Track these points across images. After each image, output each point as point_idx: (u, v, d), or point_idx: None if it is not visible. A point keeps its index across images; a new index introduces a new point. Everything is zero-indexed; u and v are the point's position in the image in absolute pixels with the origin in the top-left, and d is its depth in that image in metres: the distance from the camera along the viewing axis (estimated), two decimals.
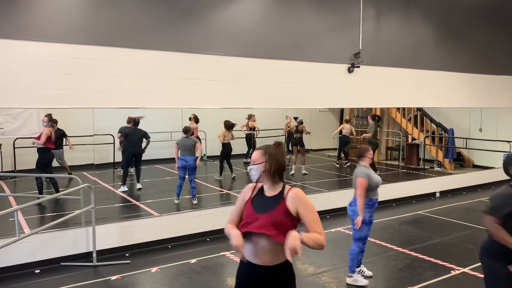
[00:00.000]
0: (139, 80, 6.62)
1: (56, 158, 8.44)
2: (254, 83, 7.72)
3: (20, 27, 5.73)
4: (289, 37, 8.08)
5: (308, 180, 10.66)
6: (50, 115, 7.99)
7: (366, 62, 8.86)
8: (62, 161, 8.96)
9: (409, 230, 7.65)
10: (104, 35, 6.33)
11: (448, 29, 10.43)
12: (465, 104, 11.11)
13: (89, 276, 5.65)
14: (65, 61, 6.06)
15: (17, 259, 5.75)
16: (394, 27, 9.55)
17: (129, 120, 9.12)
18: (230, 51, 7.43)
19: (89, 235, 6.16)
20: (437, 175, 11.51)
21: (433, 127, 13.44)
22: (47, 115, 7.92)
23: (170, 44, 6.85)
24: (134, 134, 9.00)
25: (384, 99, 9.64)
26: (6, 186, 9.28)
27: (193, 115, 9.83)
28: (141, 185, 9.29)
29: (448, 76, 10.49)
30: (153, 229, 6.81)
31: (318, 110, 12.95)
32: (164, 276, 5.65)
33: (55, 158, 8.28)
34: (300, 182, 10.74)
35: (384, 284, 5.42)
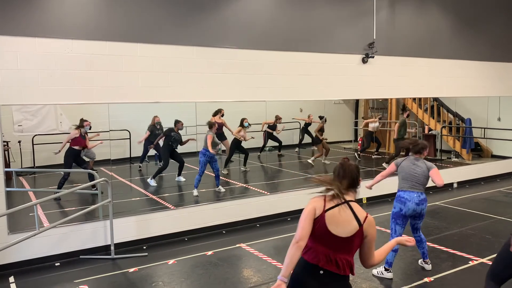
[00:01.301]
0: (154, 75, 6.67)
1: (89, 156, 8.75)
2: (268, 76, 7.72)
3: (35, 24, 5.82)
4: (302, 29, 8.04)
5: (323, 173, 10.63)
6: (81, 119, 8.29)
7: (381, 52, 8.77)
8: (94, 157, 9.16)
9: (426, 221, 7.56)
10: (119, 31, 6.39)
11: (464, 17, 10.25)
12: (482, 93, 10.91)
13: (108, 268, 5.76)
14: (81, 57, 6.14)
15: (38, 252, 5.89)
16: (408, 16, 9.42)
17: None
18: (244, 44, 7.43)
19: (107, 229, 6.26)
20: (455, 166, 11.37)
21: (450, 117, 13.24)
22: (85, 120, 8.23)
23: (184, 38, 6.88)
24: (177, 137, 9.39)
25: (400, 89, 9.53)
26: (26, 182, 9.46)
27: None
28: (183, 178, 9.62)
29: (464, 65, 10.32)
30: (170, 222, 6.89)
31: (332, 102, 12.89)
32: (181, 268, 5.72)
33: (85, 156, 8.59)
34: (316, 174, 10.72)
35: (401, 275, 5.40)
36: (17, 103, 6.19)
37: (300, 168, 11.93)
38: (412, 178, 5.19)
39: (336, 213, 2.73)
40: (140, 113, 9.73)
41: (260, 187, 9.07)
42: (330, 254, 2.72)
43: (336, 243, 2.72)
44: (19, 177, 9.31)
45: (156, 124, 9.91)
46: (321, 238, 2.72)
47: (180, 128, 9.29)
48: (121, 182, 9.69)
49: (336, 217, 2.73)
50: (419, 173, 5.19)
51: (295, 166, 12.37)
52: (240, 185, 9.65)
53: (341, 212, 2.74)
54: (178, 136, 9.31)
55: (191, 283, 5.27)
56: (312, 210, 2.74)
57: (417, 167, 5.22)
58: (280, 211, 7.92)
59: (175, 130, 9.26)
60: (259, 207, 7.73)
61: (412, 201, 5.15)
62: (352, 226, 2.73)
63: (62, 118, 9.20)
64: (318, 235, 2.72)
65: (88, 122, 8.13)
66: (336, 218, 2.73)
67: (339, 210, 2.75)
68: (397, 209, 5.24)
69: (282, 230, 7.23)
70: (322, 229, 2.71)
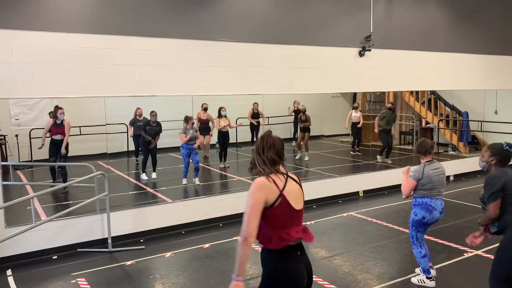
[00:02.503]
0: (150, 68, 6.67)
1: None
2: (264, 69, 7.71)
3: (31, 18, 5.80)
4: (299, 22, 8.02)
5: (320, 166, 10.65)
6: (55, 106, 8.02)
7: (378, 45, 8.77)
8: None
9: None
10: (115, 24, 6.37)
11: (461, 10, 10.24)
12: (479, 86, 10.93)
13: (105, 261, 5.78)
14: (77, 50, 6.12)
15: (35, 245, 5.91)
16: (405, 9, 9.41)
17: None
18: (240, 37, 7.42)
19: (104, 222, 6.29)
20: (452, 159, 11.41)
21: (447, 110, 13.27)
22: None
23: (180, 31, 6.87)
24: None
25: (396, 82, 9.54)
26: (23, 175, 9.47)
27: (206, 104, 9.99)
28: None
29: (461, 58, 10.32)
30: (167, 215, 6.92)
31: (330, 96, 12.88)
32: (177, 261, 5.75)
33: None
34: (312, 168, 10.75)
35: (397, 267, 5.44)
36: (13, 97, 6.19)
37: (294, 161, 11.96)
38: (438, 185, 4.82)
39: (290, 188, 2.69)
40: (137, 106, 9.71)
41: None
42: (299, 228, 2.72)
43: (299, 216, 2.74)
44: (16, 171, 9.32)
45: (138, 116, 9.58)
46: (287, 219, 2.65)
47: (153, 120, 9.02)
48: (118, 175, 9.70)
49: (292, 191, 2.69)
50: (442, 177, 4.87)
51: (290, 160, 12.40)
52: (237, 178, 9.67)
53: (292, 186, 2.72)
54: (152, 129, 9.08)
55: (188, 276, 5.30)
56: (262, 200, 2.59)
57: (439, 171, 4.85)
58: None
59: (150, 123, 9.05)
60: None
61: (437, 210, 4.82)
62: (301, 195, 2.77)
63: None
64: (283, 218, 2.64)
65: (62, 110, 7.75)
66: (292, 192, 2.70)
67: (290, 185, 2.71)
68: (419, 217, 4.84)
69: None
70: (288, 209, 2.65)
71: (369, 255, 5.76)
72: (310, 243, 3.73)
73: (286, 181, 2.69)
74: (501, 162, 3.65)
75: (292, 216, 2.67)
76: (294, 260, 2.65)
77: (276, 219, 2.62)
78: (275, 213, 2.61)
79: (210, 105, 10.05)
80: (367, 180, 9.19)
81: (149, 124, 9.05)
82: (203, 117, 10.12)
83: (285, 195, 2.64)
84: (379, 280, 5.04)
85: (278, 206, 2.61)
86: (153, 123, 9.05)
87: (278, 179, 2.67)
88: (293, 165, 11.17)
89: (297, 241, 2.70)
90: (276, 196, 2.62)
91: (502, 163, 3.65)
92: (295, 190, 2.72)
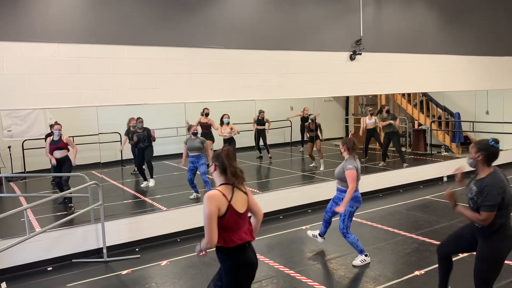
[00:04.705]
0: (141, 77, 6.68)
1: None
2: (256, 75, 7.75)
3: (21, 29, 5.81)
4: (289, 27, 8.08)
5: (314, 170, 10.68)
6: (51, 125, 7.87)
7: (368, 49, 8.83)
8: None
9: (416, 215, 7.66)
10: (105, 34, 6.38)
11: (450, 12, 10.34)
12: (470, 87, 11.02)
13: (101, 271, 5.76)
14: (68, 60, 6.13)
15: (30, 257, 5.87)
16: (394, 12, 9.50)
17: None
18: (231, 44, 7.45)
19: (98, 232, 6.26)
20: (445, 160, 11.47)
21: (439, 111, 13.37)
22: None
23: (171, 39, 6.89)
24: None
25: (388, 85, 9.61)
26: (16, 187, 9.43)
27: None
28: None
29: (451, 60, 10.41)
30: (162, 223, 6.90)
31: (323, 100, 12.93)
32: (173, 269, 5.73)
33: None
34: (307, 172, 10.78)
35: (392, 269, 5.45)
36: (5, 108, 6.19)
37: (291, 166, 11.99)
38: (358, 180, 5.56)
39: (236, 197, 3.24)
40: (130, 115, 9.70)
41: (253, 186, 9.10)
42: (246, 228, 3.33)
43: (245, 217, 3.35)
44: (9, 183, 9.27)
45: (132, 128, 9.52)
46: (236, 223, 3.22)
47: (139, 126, 9.01)
48: (112, 184, 9.67)
49: (237, 200, 3.25)
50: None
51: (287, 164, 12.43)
52: None
53: (238, 194, 3.27)
54: (141, 135, 9.08)
55: (184, 284, 5.29)
56: (215, 210, 3.12)
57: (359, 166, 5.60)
58: (272, 209, 7.95)
59: (137, 129, 9.06)
60: None
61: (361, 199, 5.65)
62: (245, 199, 3.32)
63: (51, 122, 9.13)
64: (234, 223, 3.20)
65: (58, 126, 7.49)
66: (238, 200, 3.25)
67: (236, 194, 3.26)
68: (354, 209, 5.59)
69: (274, 228, 7.27)
70: (236, 216, 3.22)
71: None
72: (305, 247, 3.86)
73: (233, 192, 3.24)
74: (488, 158, 3.66)
75: (239, 220, 3.24)
76: (245, 252, 3.28)
77: (228, 225, 3.18)
78: (227, 221, 3.17)
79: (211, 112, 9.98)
80: (361, 183, 9.18)
81: (136, 132, 9.10)
82: (203, 121, 10.01)
83: (232, 205, 3.19)
84: (375, 283, 5.05)
85: (228, 215, 3.17)
86: (140, 129, 9.09)
87: (227, 191, 3.22)
88: (291, 170, 11.19)
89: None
90: (226, 206, 3.17)
91: (489, 159, 3.66)
92: (240, 198, 3.27)
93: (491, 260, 3.71)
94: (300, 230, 7.03)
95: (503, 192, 3.56)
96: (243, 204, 3.29)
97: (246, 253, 3.28)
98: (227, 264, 3.27)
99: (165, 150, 10.93)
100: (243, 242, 3.24)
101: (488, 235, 3.70)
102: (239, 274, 3.26)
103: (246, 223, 3.36)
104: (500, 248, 3.68)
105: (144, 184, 9.34)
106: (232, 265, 3.25)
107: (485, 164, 3.68)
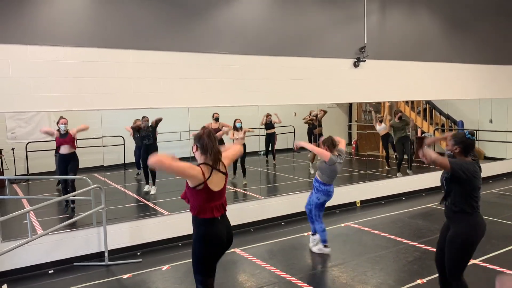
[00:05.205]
0: (146, 81, 6.70)
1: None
2: (260, 80, 7.76)
3: (27, 32, 5.85)
4: (294, 34, 8.10)
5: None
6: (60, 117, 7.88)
7: (372, 56, 8.85)
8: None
9: (418, 223, 7.64)
10: (111, 38, 6.42)
11: (454, 20, 10.35)
12: (473, 95, 11.01)
13: (102, 275, 5.75)
14: (73, 64, 6.16)
15: (32, 260, 5.87)
16: (399, 19, 9.51)
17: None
18: (235, 49, 7.48)
19: (100, 235, 6.26)
20: None
21: (443, 119, 13.34)
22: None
23: (176, 44, 6.92)
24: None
25: (392, 92, 9.61)
26: (19, 189, 9.44)
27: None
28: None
29: (455, 68, 10.41)
30: (164, 228, 6.90)
31: (326, 106, 12.92)
32: (175, 274, 5.72)
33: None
34: (308, 179, 10.76)
35: (394, 277, 5.43)
36: (10, 111, 6.21)
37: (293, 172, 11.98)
38: (335, 175, 6.07)
39: (213, 177, 3.52)
40: (134, 119, 9.71)
41: (255, 191, 9.09)
42: (220, 202, 3.62)
43: (220, 194, 3.61)
44: (12, 185, 9.28)
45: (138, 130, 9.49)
46: (208, 199, 3.50)
47: (145, 125, 9.04)
48: (115, 188, 9.68)
49: (214, 180, 3.53)
50: (339, 169, 6.08)
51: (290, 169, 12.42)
52: (233, 189, 9.67)
53: (216, 175, 3.54)
54: (146, 133, 9.10)
55: None
56: (187, 169, 3.43)
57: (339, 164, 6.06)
58: (274, 215, 7.94)
59: (143, 128, 9.08)
60: (254, 211, 7.76)
61: (332, 193, 6.13)
62: (223, 179, 3.62)
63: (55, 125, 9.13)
64: (205, 198, 3.49)
65: (64, 119, 7.33)
66: (215, 180, 3.53)
67: (214, 175, 3.53)
68: (322, 201, 6.08)
69: (276, 234, 7.25)
70: (209, 193, 3.50)
71: (366, 266, 5.75)
72: (306, 254, 4.50)
73: (211, 172, 3.51)
74: (465, 150, 3.85)
75: (212, 197, 3.53)
76: (214, 224, 3.56)
77: (200, 197, 3.50)
78: (200, 194, 3.49)
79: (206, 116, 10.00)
80: (364, 190, 9.20)
81: (142, 129, 9.09)
82: (214, 127, 10.03)
83: (207, 183, 3.48)
84: None
85: (202, 190, 3.47)
86: (145, 127, 9.12)
87: (206, 170, 3.50)
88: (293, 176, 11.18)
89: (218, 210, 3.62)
90: (201, 182, 3.45)
91: (465, 151, 3.85)
92: (216, 178, 3.55)
93: (462, 245, 3.85)
94: (302, 237, 7.02)
95: (474, 172, 3.73)
96: (218, 183, 3.57)
97: (216, 226, 3.55)
98: (196, 232, 3.60)
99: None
100: (213, 216, 3.53)
101: (461, 219, 3.86)
102: (206, 244, 3.54)
103: (220, 199, 3.62)
104: (472, 233, 3.84)
105: (147, 188, 9.34)
106: (202, 234, 3.55)
107: (462, 155, 3.87)
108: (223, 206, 3.68)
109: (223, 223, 3.64)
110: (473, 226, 3.86)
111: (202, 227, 3.56)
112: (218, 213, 3.59)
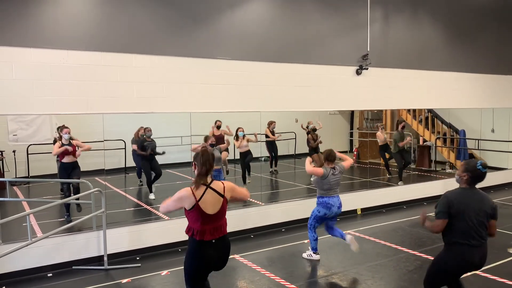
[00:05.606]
0: (148, 85, 6.71)
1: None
2: (262, 87, 7.77)
3: (30, 35, 5.86)
4: (297, 40, 8.12)
5: None
6: (59, 127, 7.82)
7: (374, 64, 8.86)
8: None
9: (419, 232, 7.60)
10: (114, 42, 6.43)
11: (457, 29, 10.37)
12: (475, 104, 11.01)
13: (101, 279, 5.73)
14: (75, 67, 6.17)
15: (31, 262, 5.86)
16: (402, 28, 9.53)
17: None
18: (238, 55, 7.49)
19: (100, 239, 6.24)
20: (449, 177, 11.40)
21: (445, 128, 13.34)
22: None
23: (179, 49, 6.93)
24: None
25: (393, 100, 9.60)
26: (20, 192, 9.44)
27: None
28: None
29: (458, 77, 10.41)
30: (163, 233, 6.87)
31: (328, 113, 12.93)
32: (174, 279, 5.70)
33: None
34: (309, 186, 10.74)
35: (394, 285, 5.40)
36: (12, 113, 6.22)
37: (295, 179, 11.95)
38: (335, 186, 6.07)
39: (207, 198, 3.57)
40: (135, 122, 9.73)
41: (256, 197, 9.07)
42: (214, 226, 3.62)
43: (216, 218, 3.62)
44: (13, 187, 9.29)
45: (140, 136, 9.51)
46: (202, 221, 3.56)
47: (148, 135, 9.11)
48: (115, 192, 9.67)
49: (208, 200, 3.57)
50: (339, 180, 6.14)
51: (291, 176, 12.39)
52: None
53: (210, 195, 3.59)
54: (150, 144, 9.14)
55: None
56: (179, 201, 3.60)
57: (337, 176, 6.09)
58: (274, 222, 7.92)
59: (146, 138, 9.14)
60: (254, 218, 7.73)
61: (335, 206, 6.09)
62: (219, 201, 3.62)
63: (58, 126, 9.14)
64: (197, 219, 3.56)
65: (67, 129, 7.42)
66: (208, 201, 3.58)
67: (208, 195, 3.58)
68: (322, 214, 6.09)
69: (276, 241, 7.23)
70: (202, 215, 3.55)
71: (367, 274, 5.72)
72: (306, 261, 4.74)
73: (205, 192, 3.57)
74: (472, 180, 3.82)
75: (208, 219, 3.58)
76: (206, 248, 3.62)
77: (193, 218, 3.60)
78: (192, 215, 3.59)
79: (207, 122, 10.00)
80: (364, 198, 9.18)
81: (146, 140, 9.14)
82: (216, 134, 10.02)
83: (199, 204, 3.54)
84: None
85: (194, 210, 3.55)
86: (149, 138, 9.17)
87: (199, 190, 3.57)
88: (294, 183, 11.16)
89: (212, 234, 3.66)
90: (192, 204, 3.54)
91: (473, 180, 3.82)
92: (211, 199, 3.59)
93: (438, 267, 3.96)
94: (302, 244, 6.99)
95: (450, 203, 3.75)
96: (214, 206, 3.60)
97: (206, 249, 3.61)
98: (188, 248, 3.71)
99: (169, 159, 10.93)
100: (202, 239, 3.59)
101: (445, 245, 3.94)
102: (194, 263, 3.65)
103: (216, 222, 3.65)
104: (449, 262, 3.85)
105: (152, 196, 9.28)
106: (191, 253, 3.66)
107: (468, 184, 3.84)
108: (221, 229, 3.69)
109: (216, 246, 3.67)
110: (454, 257, 3.85)
111: (192, 245, 3.65)
112: (211, 237, 3.61)
